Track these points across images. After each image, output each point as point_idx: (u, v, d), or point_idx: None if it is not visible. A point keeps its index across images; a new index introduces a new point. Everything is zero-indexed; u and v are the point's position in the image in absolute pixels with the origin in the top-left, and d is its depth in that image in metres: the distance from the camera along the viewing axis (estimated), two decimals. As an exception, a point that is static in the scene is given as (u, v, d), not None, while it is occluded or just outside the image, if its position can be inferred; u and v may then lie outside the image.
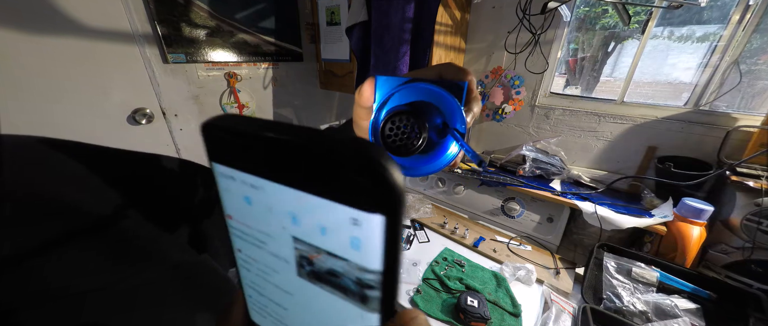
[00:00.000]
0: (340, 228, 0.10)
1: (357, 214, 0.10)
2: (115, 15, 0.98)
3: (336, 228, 0.11)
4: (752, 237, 0.78)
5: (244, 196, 0.12)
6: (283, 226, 0.12)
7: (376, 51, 1.09)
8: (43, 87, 0.90)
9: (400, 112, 0.25)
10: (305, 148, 0.10)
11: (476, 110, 0.26)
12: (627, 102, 1.07)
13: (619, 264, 0.83)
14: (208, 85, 1.27)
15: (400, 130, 0.26)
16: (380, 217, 0.10)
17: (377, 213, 0.09)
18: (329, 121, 1.86)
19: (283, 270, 0.13)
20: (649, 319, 0.72)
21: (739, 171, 0.80)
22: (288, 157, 0.10)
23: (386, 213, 0.09)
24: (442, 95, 0.24)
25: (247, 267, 0.15)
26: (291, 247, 0.12)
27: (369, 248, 0.10)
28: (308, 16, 1.48)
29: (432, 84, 0.24)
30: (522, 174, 1.18)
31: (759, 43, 0.86)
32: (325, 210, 0.10)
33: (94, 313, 0.23)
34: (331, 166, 0.10)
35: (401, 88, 0.23)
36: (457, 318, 0.76)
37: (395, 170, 0.09)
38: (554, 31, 1.09)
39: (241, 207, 0.13)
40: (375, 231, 0.10)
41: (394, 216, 0.10)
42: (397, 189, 0.09)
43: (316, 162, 0.10)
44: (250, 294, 0.16)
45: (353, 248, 0.11)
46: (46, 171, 0.25)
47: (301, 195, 0.11)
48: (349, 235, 0.10)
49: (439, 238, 1.11)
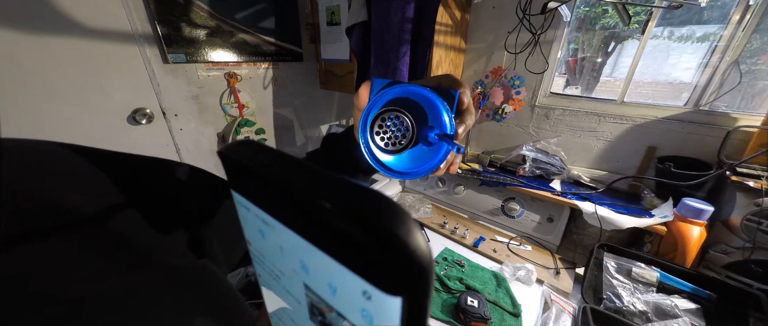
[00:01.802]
0: (350, 295, 0.09)
1: (369, 289, 0.08)
2: (115, 15, 0.98)
3: (346, 294, 0.09)
4: (752, 237, 0.78)
5: (259, 229, 0.11)
6: (294, 270, 0.11)
7: (376, 51, 1.09)
8: (43, 87, 0.90)
9: (387, 110, 0.26)
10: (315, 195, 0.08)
11: (469, 122, 0.27)
12: (627, 102, 1.07)
13: (619, 264, 0.83)
14: (208, 85, 1.27)
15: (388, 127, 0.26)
16: (397, 300, 0.08)
17: (393, 295, 0.08)
18: (329, 121, 1.86)
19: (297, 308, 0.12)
20: (649, 319, 0.72)
21: (739, 171, 0.80)
22: (296, 203, 0.09)
23: (405, 296, 0.08)
24: (430, 98, 0.24)
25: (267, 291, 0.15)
26: (303, 292, 0.11)
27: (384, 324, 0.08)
28: (308, 16, 1.48)
29: (421, 87, 0.24)
30: (522, 174, 1.18)
31: (759, 43, 0.86)
32: (335, 271, 0.09)
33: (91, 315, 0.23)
34: (341, 224, 0.08)
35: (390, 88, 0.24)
36: (457, 318, 0.76)
37: (420, 242, 0.07)
38: (554, 31, 1.09)
39: (256, 239, 0.12)
40: (391, 313, 0.08)
41: (416, 300, 0.08)
42: (420, 269, 0.07)
43: (325, 215, 0.08)
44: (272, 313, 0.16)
45: (365, 320, 0.09)
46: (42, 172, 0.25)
47: (310, 247, 0.09)
48: (360, 307, 0.09)
49: (439, 238, 1.11)
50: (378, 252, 0.07)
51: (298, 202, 0.09)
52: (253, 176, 0.10)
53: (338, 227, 0.08)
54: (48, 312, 0.21)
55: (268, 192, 0.10)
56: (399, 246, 0.07)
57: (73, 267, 0.23)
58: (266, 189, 0.10)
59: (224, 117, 1.36)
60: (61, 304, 0.22)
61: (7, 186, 0.22)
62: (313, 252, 0.09)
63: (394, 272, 0.07)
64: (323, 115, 1.82)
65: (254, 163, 0.10)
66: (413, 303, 0.08)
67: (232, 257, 0.40)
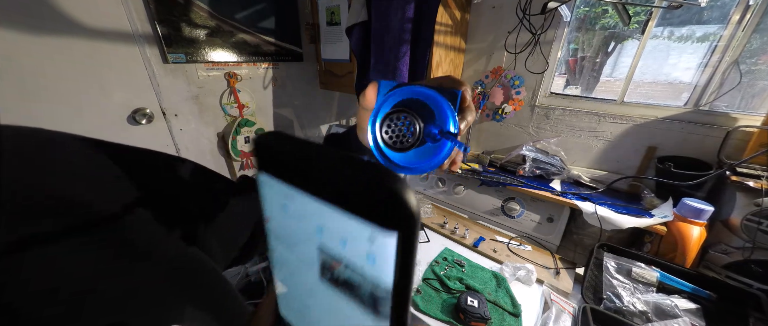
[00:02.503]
0: (358, 243, 0.12)
1: (374, 230, 0.11)
2: (115, 15, 0.98)
3: (355, 243, 0.12)
4: (752, 237, 0.78)
5: (281, 204, 0.14)
6: (310, 234, 0.14)
7: (376, 51, 1.09)
8: (43, 87, 0.90)
9: (398, 111, 0.27)
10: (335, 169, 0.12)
11: (470, 119, 0.28)
12: (627, 102, 1.07)
13: (619, 264, 0.83)
14: (208, 85, 1.27)
15: (397, 126, 0.28)
16: (393, 234, 0.11)
17: (391, 230, 0.11)
18: (329, 121, 1.86)
19: (309, 273, 0.15)
20: (649, 319, 0.72)
21: (739, 171, 0.80)
22: (321, 175, 0.12)
23: (400, 230, 0.11)
24: (436, 98, 0.26)
25: (279, 265, 0.17)
26: (316, 253, 0.14)
27: (383, 264, 0.11)
28: (308, 16, 1.48)
29: (427, 88, 0.26)
30: (522, 174, 1.18)
31: (759, 43, 0.86)
32: (347, 225, 0.12)
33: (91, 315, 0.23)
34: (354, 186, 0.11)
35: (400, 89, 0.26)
36: (457, 318, 0.76)
37: (408, 192, 0.10)
38: (554, 31, 1.09)
39: (278, 213, 0.15)
40: (389, 248, 0.11)
41: (407, 233, 0.11)
42: (408, 208, 0.10)
43: (343, 181, 0.12)
44: (280, 291, 0.18)
45: (369, 262, 0.12)
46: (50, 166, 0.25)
47: (327, 209, 0.12)
48: (366, 250, 0.12)
49: (439, 238, 1.11)
50: (383, 201, 0.10)
51: (325, 172, 0.12)
52: (285, 157, 0.13)
53: (356, 188, 0.11)
54: (48, 312, 0.21)
55: (297, 169, 0.13)
56: (398, 195, 0.10)
57: (73, 266, 0.23)
58: (295, 166, 0.13)
59: (224, 117, 1.36)
60: (60, 304, 0.22)
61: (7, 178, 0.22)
62: (330, 212, 0.12)
63: (393, 213, 0.10)
64: (323, 115, 1.82)
65: (288, 145, 0.13)
66: (406, 237, 0.11)
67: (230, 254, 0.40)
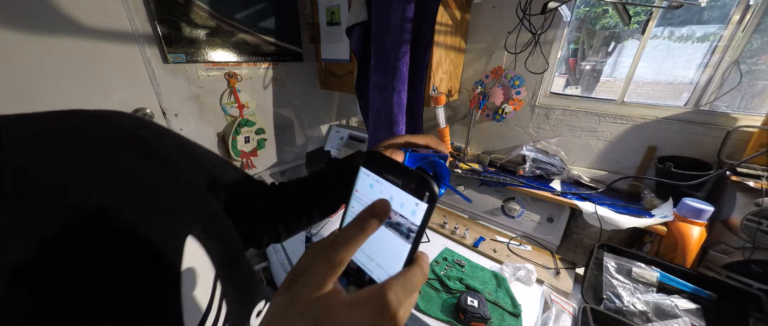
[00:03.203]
0: (408, 206, 0.24)
1: (417, 201, 0.24)
2: (115, 15, 0.98)
3: (406, 206, 0.24)
4: (752, 237, 0.78)
5: (370, 184, 0.27)
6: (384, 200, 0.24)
7: (376, 51, 1.09)
8: (43, 87, 0.90)
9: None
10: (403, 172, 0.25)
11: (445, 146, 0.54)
12: (627, 102, 1.07)
13: (619, 265, 0.83)
14: (208, 85, 1.27)
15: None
16: (425, 204, 0.23)
17: (425, 202, 0.23)
18: (329, 121, 1.85)
19: None
20: (649, 319, 0.72)
21: (739, 171, 0.80)
22: (396, 174, 0.25)
23: (429, 203, 0.23)
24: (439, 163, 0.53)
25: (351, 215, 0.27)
26: None
27: (418, 216, 0.24)
28: (308, 16, 1.48)
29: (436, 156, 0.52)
30: (522, 174, 1.17)
31: (759, 43, 0.86)
32: (405, 197, 0.24)
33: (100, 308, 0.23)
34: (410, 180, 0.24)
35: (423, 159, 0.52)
36: (457, 318, 0.76)
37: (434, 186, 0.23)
38: (554, 31, 1.09)
39: (365, 188, 0.28)
40: (422, 209, 0.23)
41: (431, 205, 0.23)
42: (433, 193, 0.23)
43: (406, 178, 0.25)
44: None
45: (411, 215, 0.24)
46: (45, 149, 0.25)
47: (397, 189, 0.25)
48: (411, 209, 0.24)
49: (439, 238, 1.11)
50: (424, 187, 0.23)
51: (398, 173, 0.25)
52: (380, 162, 0.27)
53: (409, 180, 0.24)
54: (47, 312, 0.21)
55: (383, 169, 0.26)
56: (431, 185, 0.23)
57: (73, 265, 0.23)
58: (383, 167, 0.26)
59: (224, 117, 1.36)
60: (60, 304, 0.22)
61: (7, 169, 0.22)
62: (397, 191, 0.25)
63: (428, 194, 0.23)
64: (323, 115, 1.82)
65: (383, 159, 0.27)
66: (430, 208, 0.23)
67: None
